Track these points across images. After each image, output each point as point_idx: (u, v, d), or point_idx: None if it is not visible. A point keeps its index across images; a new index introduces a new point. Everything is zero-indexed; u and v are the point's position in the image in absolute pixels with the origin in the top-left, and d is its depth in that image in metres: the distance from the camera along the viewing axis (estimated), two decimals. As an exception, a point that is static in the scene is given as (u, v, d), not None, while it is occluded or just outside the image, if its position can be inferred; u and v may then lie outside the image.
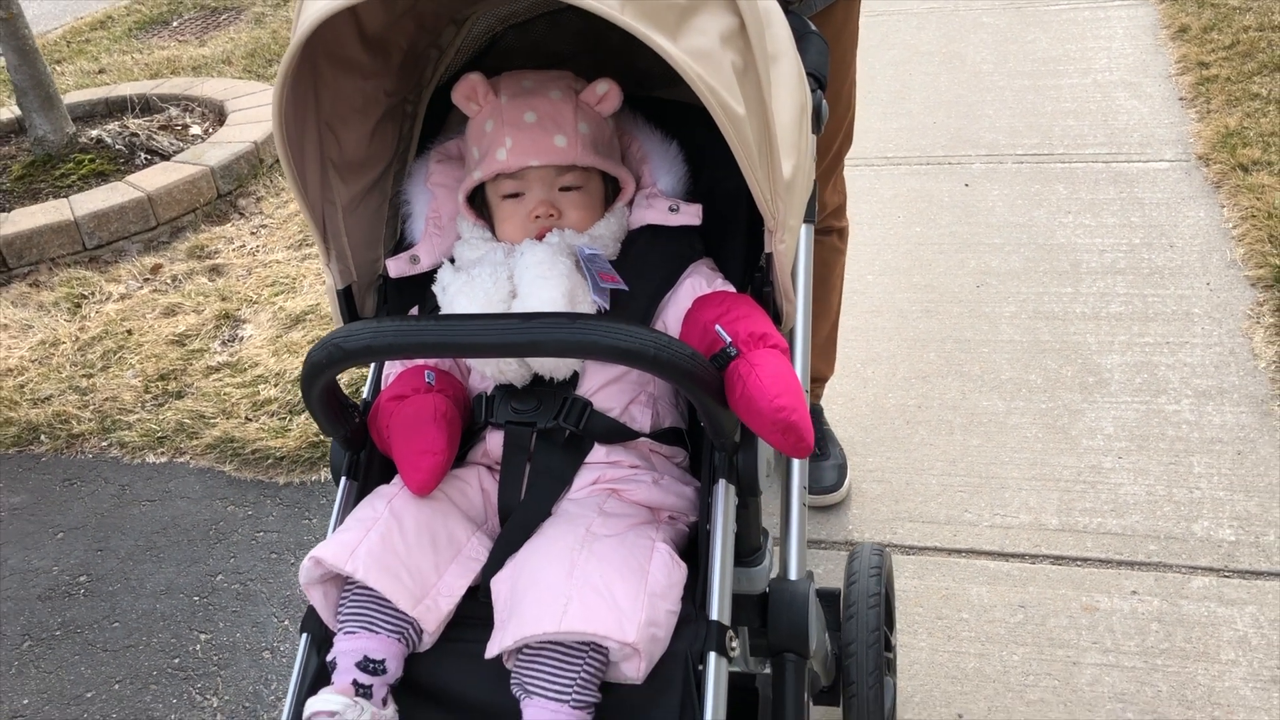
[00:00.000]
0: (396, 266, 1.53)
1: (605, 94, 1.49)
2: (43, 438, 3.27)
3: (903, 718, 2.13)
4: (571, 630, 1.20)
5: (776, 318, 1.46)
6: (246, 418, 3.18)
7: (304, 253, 4.08)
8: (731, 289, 1.47)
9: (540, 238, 1.46)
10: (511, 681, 1.26)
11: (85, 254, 4.23)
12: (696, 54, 1.20)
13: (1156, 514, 2.50)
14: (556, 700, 1.21)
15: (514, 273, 1.40)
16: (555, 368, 1.41)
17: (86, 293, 3.97)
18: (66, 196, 4.42)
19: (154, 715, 2.34)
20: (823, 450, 2.71)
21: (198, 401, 3.29)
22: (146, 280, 4.04)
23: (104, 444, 3.21)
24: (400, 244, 1.59)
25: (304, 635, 1.38)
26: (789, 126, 1.38)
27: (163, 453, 3.14)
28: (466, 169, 1.53)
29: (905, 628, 2.30)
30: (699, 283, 1.46)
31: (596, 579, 1.24)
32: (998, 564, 2.44)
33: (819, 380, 2.75)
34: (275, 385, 3.30)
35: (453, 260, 1.49)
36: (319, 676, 1.33)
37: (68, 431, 3.26)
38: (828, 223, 2.52)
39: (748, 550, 1.45)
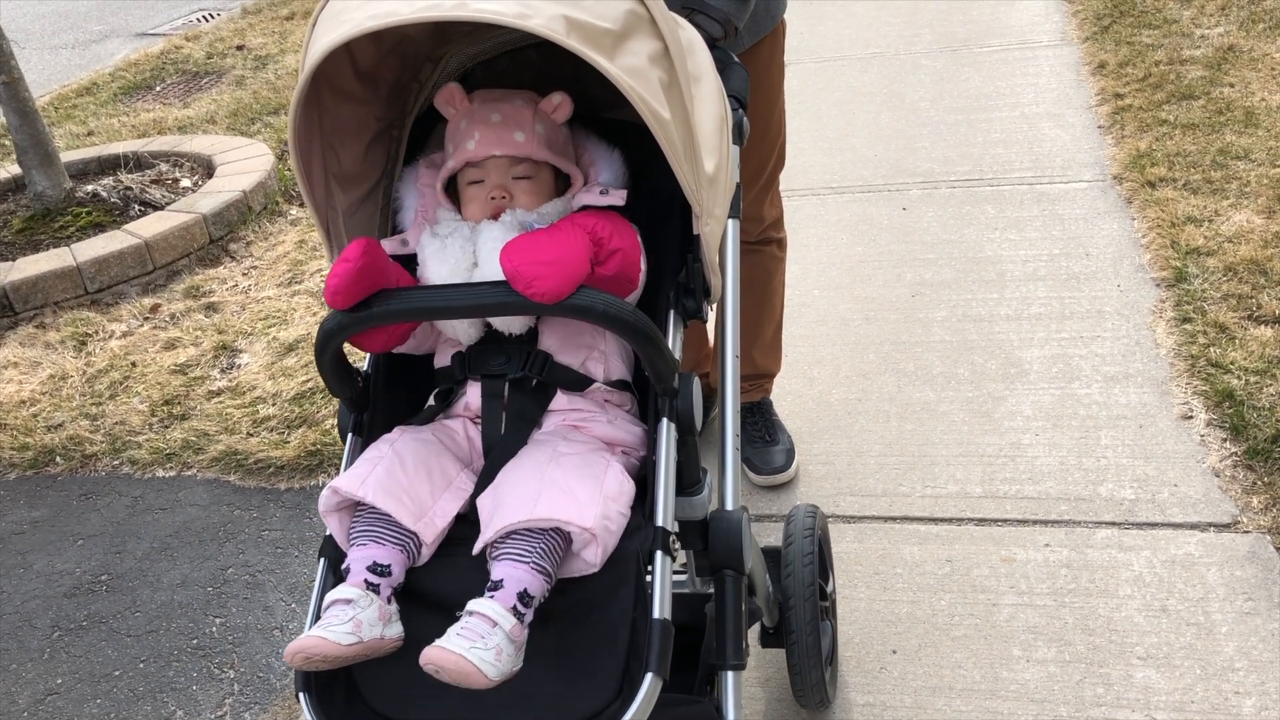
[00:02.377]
0: (390, 245, 1.78)
1: (559, 104, 1.77)
2: (58, 459, 3.53)
3: (844, 655, 2.42)
4: (541, 517, 1.47)
5: (706, 290, 1.76)
6: (248, 433, 3.46)
7: (293, 289, 4.38)
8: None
9: (495, 216, 1.73)
10: (488, 565, 1.50)
11: (87, 297, 4.51)
12: (630, 70, 1.49)
13: (1068, 480, 2.82)
14: (518, 560, 1.47)
15: (475, 246, 1.70)
16: (509, 324, 1.70)
17: (90, 331, 4.25)
18: (67, 246, 4.71)
19: (177, 686, 2.60)
20: (772, 437, 3.02)
21: (201, 422, 3.57)
22: (146, 319, 4.33)
23: (115, 463, 3.48)
24: (395, 231, 1.87)
25: (321, 559, 1.64)
26: (710, 133, 1.71)
27: (171, 467, 3.41)
28: (444, 163, 1.82)
29: (846, 582, 2.60)
30: None
31: (561, 481, 1.52)
32: (928, 527, 2.74)
33: (767, 375, 3.06)
34: (273, 404, 3.58)
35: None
36: (335, 586, 1.54)
37: (81, 453, 3.53)
38: (767, 234, 2.85)
39: (689, 482, 1.70)
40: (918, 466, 2.95)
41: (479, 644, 1.40)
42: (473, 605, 1.45)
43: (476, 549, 1.52)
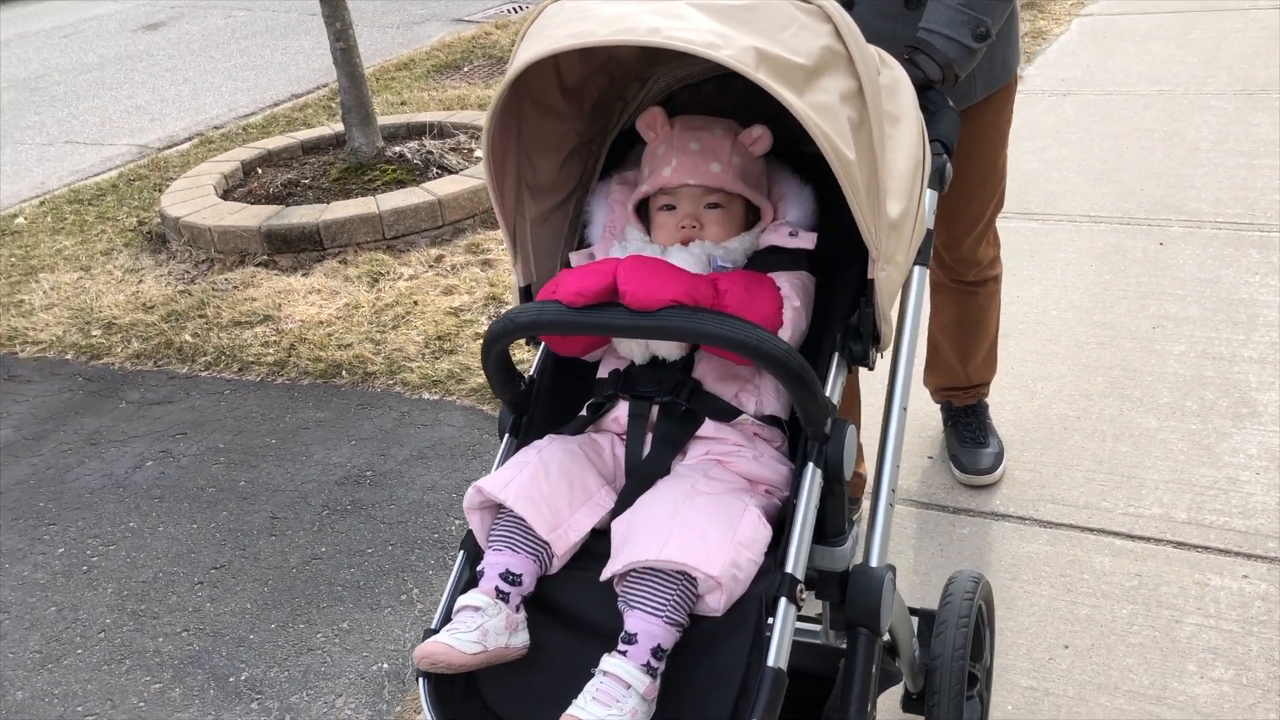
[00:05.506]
0: (576, 259, 1.86)
1: (759, 137, 1.78)
2: (343, 373, 4.06)
3: (1015, 643, 2.52)
4: (668, 559, 1.46)
5: (874, 338, 1.71)
6: (503, 372, 3.87)
7: (559, 255, 4.80)
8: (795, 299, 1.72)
9: (685, 243, 1.75)
10: (618, 600, 1.51)
11: (384, 242, 5.09)
12: (817, 107, 1.47)
13: (1281, 520, 2.79)
14: (653, 614, 1.47)
15: None
16: (668, 350, 1.71)
17: (383, 271, 4.82)
18: (373, 196, 5.33)
19: (417, 570, 3.00)
20: (984, 440, 3.10)
21: (466, 358, 4.01)
22: (431, 266, 4.85)
23: (390, 382, 3.97)
24: (581, 244, 1.92)
25: (461, 552, 1.68)
26: (902, 176, 1.68)
27: (435, 392, 3.86)
28: (637, 184, 1.85)
29: (1031, 579, 2.69)
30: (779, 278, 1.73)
31: (694, 523, 1.50)
32: (1123, 542, 2.78)
33: (984, 384, 3.12)
34: (526, 350, 3.97)
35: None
36: (469, 584, 1.61)
37: (363, 370, 4.05)
38: (983, 274, 2.88)
39: (833, 531, 1.64)
40: (1124, 486, 2.98)
41: (614, 709, 1.41)
42: (607, 665, 1.45)
43: (604, 576, 1.53)
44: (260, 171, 6.08)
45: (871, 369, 1.75)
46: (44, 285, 5.14)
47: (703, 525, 1.50)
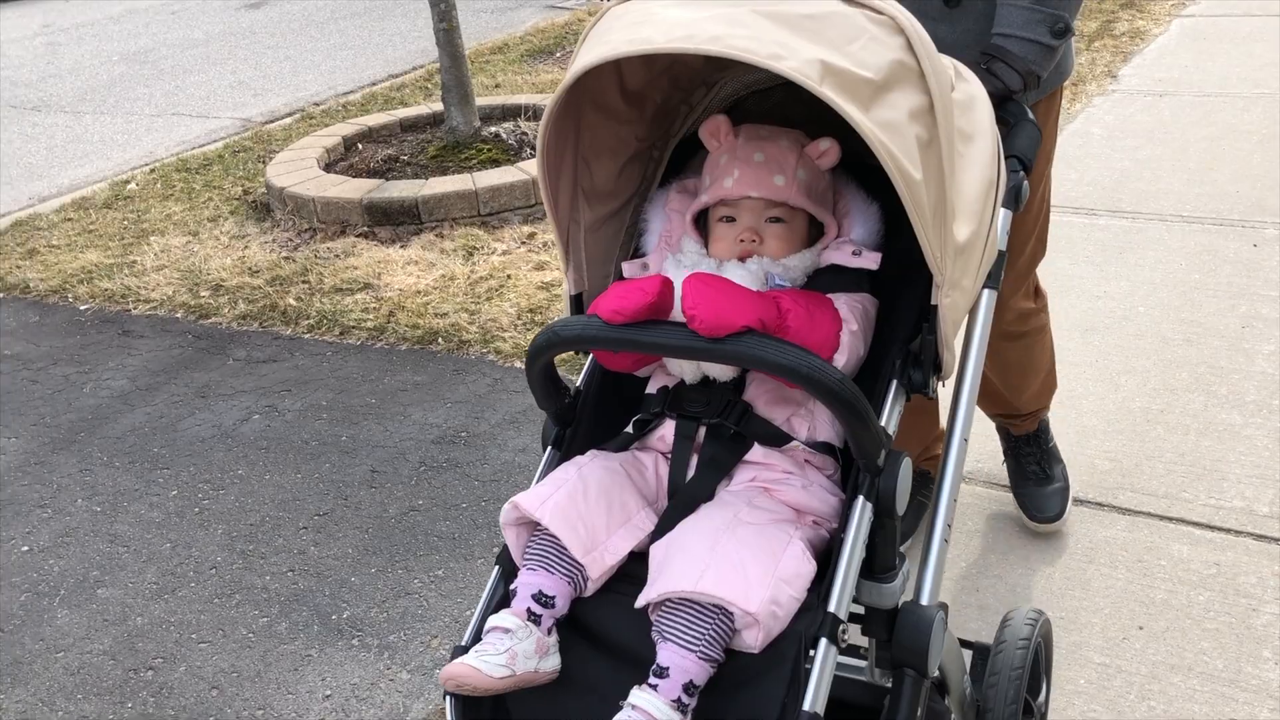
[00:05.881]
0: (629, 269, 1.81)
1: (826, 150, 1.71)
2: (440, 340, 4.22)
3: (1089, 622, 2.57)
4: (705, 592, 1.41)
5: (937, 366, 1.64)
6: (593, 344, 3.99)
7: (649, 236, 4.91)
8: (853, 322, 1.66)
9: (743, 259, 1.69)
10: (652, 629, 1.47)
11: (479, 218, 5.25)
12: (883, 124, 1.40)
13: (1365, 519, 2.80)
14: (687, 648, 1.42)
15: None
16: (720, 371, 1.65)
17: (478, 245, 4.97)
18: (469, 173, 5.49)
19: (508, 525, 3.13)
20: (1047, 473, 2.85)
21: (556, 330, 4.14)
22: (523, 243, 5.00)
23: (484, 351, 4.12)
24: (635, 253, 1.86)
25: (496, 567, 1.65)
26: (973, 197, 1.60)
27: (527, 361, 4.00)
28: (698, 193, 1.80)
29: (1107, 562, 2.74)
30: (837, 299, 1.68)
31: (734, 555, 1.45)
32: (1203, 532, 2.82)
33: (1041, 409, 2.86)
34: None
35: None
36: (502, 601, 1.58)
37: (458, 338, 4.20)
38: (1021, 327, 2.61)
39: (883, 567, 1.56)
40: (1206, 479, 3.01)
41: None
42: (636, 699, 1.41)
43: (639, 603, 1.49)
44: (361, 147, 6.29)
45: (932, 399, 1.69)
46: (155, 247, 5.39)
47: (743, 558, 1.45)
